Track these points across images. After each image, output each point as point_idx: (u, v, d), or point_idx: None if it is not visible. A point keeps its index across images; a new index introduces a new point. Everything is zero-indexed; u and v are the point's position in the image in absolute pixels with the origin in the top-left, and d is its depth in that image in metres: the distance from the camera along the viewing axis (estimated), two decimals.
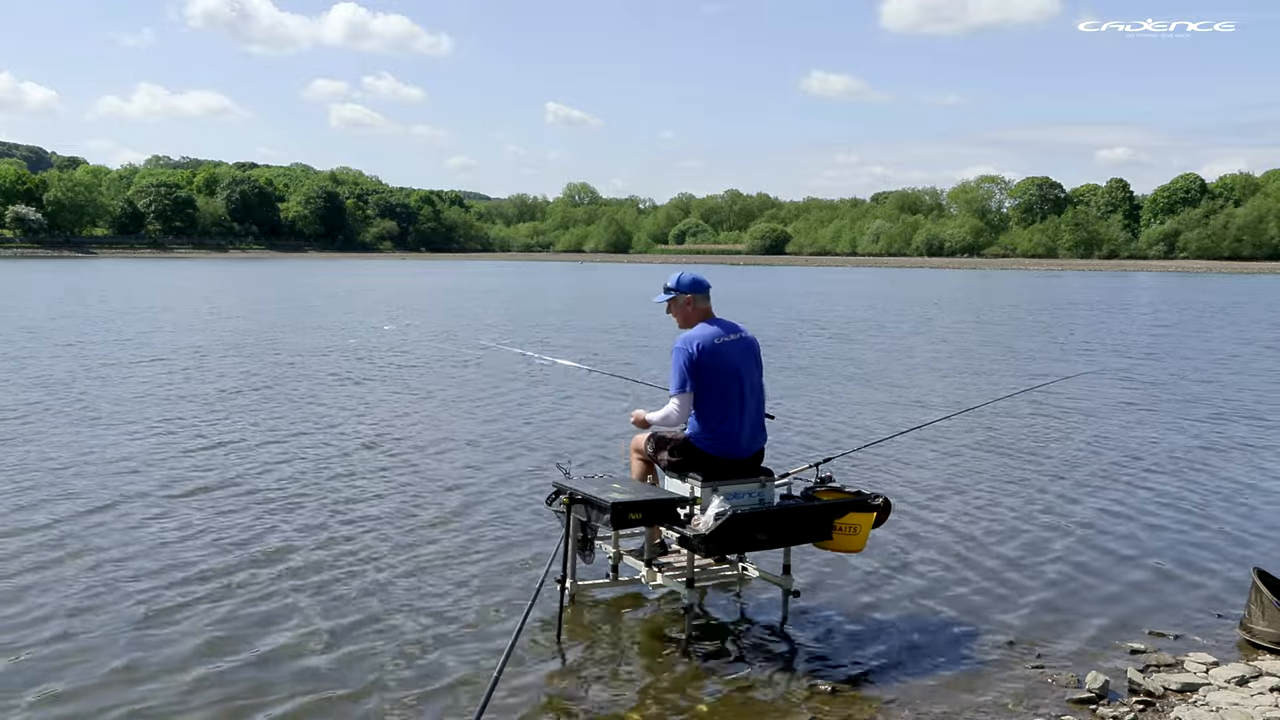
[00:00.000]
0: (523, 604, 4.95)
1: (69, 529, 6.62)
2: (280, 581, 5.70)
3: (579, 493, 4.86)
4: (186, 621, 5.09)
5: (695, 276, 5.33)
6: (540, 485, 7.77)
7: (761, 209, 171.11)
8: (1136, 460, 9.35)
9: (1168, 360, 18.34)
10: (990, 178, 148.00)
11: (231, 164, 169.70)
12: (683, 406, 5.11)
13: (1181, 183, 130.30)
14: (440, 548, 6.37)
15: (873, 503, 5.12)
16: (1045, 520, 7.26)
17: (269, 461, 8.77)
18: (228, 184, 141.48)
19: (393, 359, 17.00)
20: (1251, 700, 4.31)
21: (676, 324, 5.37)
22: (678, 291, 5.29)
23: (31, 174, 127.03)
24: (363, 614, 5.23)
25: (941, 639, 5.08)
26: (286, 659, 4.69)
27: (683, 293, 5.28)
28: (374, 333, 22.06)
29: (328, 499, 7.51)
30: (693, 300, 5.28)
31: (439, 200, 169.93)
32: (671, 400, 5.13)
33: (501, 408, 11.90)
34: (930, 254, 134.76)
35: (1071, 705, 4.34)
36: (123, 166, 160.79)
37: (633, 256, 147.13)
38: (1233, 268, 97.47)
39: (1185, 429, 11.05)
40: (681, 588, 5.01)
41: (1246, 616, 5.13)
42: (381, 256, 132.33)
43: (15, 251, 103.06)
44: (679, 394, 5.09)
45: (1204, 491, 8.18)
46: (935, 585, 5.86)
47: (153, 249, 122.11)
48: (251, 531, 6.63)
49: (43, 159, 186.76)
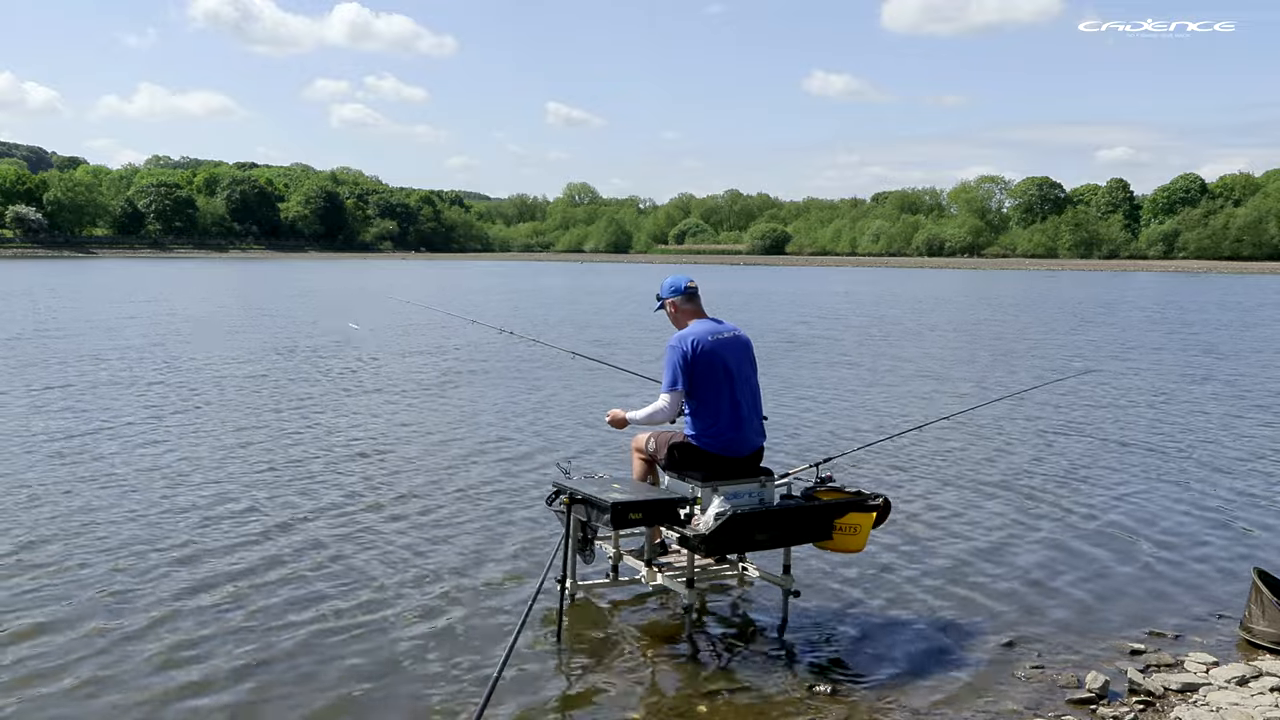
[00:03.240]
0: (523, 604, 4.95)
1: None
2: (278, 581, 5.70)
3: (579, 493, 4.87)
4: (181, 621, 5.09)
5: (674, 280, 5.39)
6: (540, 485, 7.77)
7: (762, 209, 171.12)
8: (1136, 460, 9.35)
9: (1168, 360, 18.34)
10: (990, 178, 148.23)
11: (231, 164, 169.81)
12: (672, 403, 5.14)
13: (1181, 183, 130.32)
14: (440, 547, 6.37)
15: (873, 503, 5.12)
16: (1045, 520, 7.26)
17: (260, 462, 8.77)
18: (228, 184, 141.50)
19: (392, 358, 17.01)
20: (1251, 700, 4.31)
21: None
22: (662, 298, 5.41)
23: (31, 174, 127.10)
24: (362, 613, 5.23)
25: (941, 639, 5.08)
26: (285, 659, 4.69)
27: (666, 298, 5.38)
28: (372, 331, 22.08)
29: (327, 498, 7.52)
30: (676, 304, 5.35)
31: (439, 200, 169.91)
32: (661, 396, 5.16)
33: (501, 408, 11.90)
34: (930, 254, 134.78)
35: (1071, 705, 4.34)
36: (123, 167, 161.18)
37: (633, 256, 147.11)
38: (1233, 268, 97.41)
39: (1185, 429, 11.05)
40: (681, 588, 5.01)
41: (1246, 616, 5.13)
42: (382, 256, 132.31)
43: (15, 252, 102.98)
44: (669, 391, 5.13)
45: (1204, 491, 8.18)
46: (935, 585, 5.87)
47: (153, 249, 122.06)
48: (247, 533, 6.63)
49: (43, 159, 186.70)
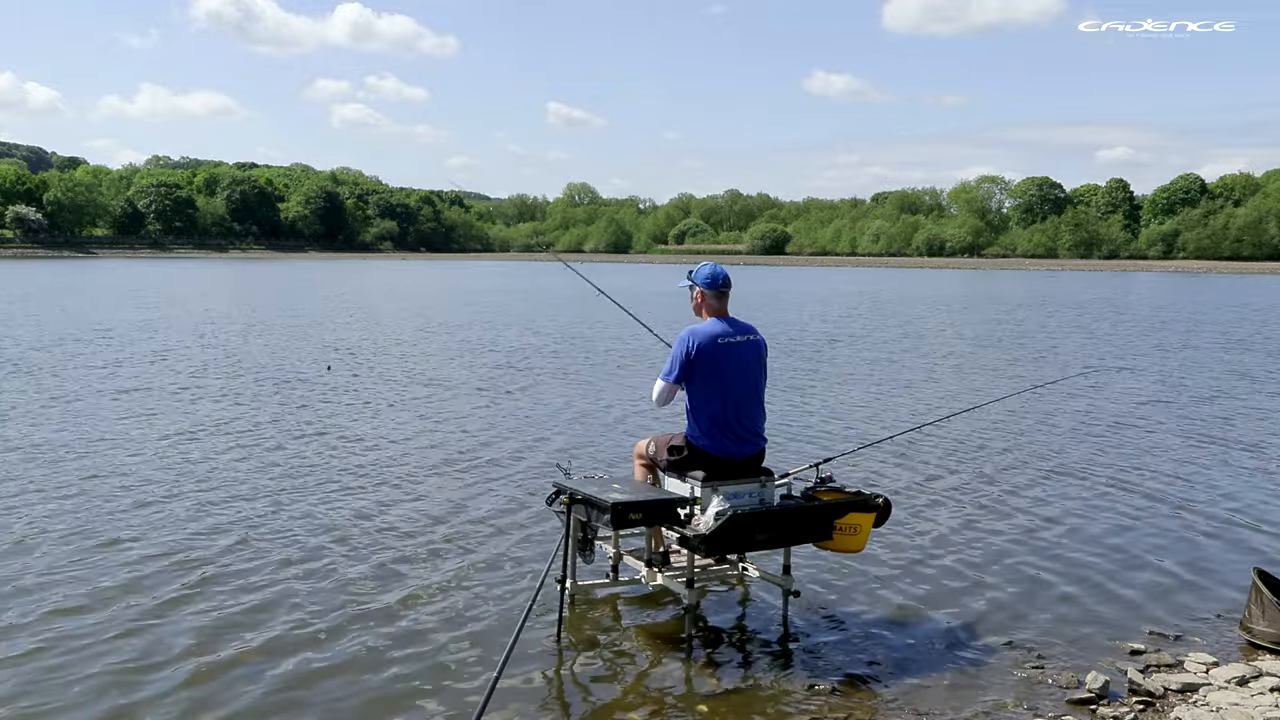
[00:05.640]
0: (523, 604, 4.95)
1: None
2: (277, 581, 5.69)
3: (579, 493, 4.86)
4: (177, 616, 5.09)
5: (713, 272, 5.28)
6: (540, 485, 7.77)
7: (761, 209, 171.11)
8: (1136, 460, 9.35)
9: (1168, 360, 18.33)
10: (990, 178, 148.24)
11: (231, 164, 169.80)
12: (664, 392, 5.20)
13: (1181, 183, 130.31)
14: (439, 547, 6.37)
15: (873, 502, 5.11)
16: (1045, 521, 7.26)
17: (264, 458, 8.77)
18: (228, 184, 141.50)
19: (391, 360, 17.01)
20: (1252, 700, 4.31)
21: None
22: (692, 283, 5.32)
23: (31, 174, 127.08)
24: (362, 614, 5.23)
25: (942, 639, 5.08)
26: (283, 659, 4.68)
27: (696, 285, 5.29)
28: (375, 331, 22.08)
29: (325, 498, 7.51)
30: (704, 295, 5.27)
31: (439, 200, 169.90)
32: (657, 382, 5.23)
33: (501, 407, 11.90)
34: (930, 254, 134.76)
35: (1071, 705, 4.34)
36: (123, 167, 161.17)
37: (633, 256, 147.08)
38: (1233, 268, 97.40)
39: (1186, 429, 11.05)
40: (681, 588, 5.01)
41: (1246, 616, 5.13)
42: (381, 256, 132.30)
43: (15, 252, 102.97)
44: (664, 380, 5.18)
45: (1204, 491, 8.18)
46: (935, 585, 5.87)
47: (153, 249, 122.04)
48: (247, 531, 6.63)
49: (43, 159, 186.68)
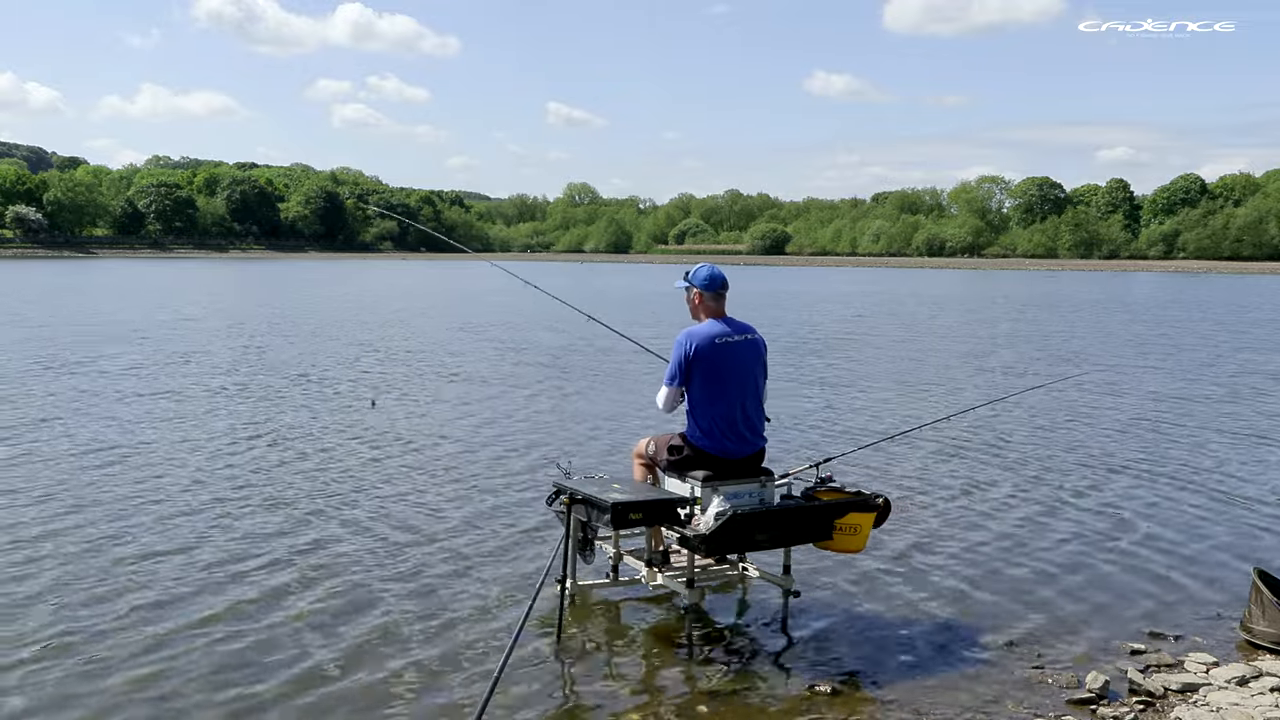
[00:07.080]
0: (523, 604, 4.95)
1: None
2: (277, 580, 5.69)
3: (579, 493, 4.86)
4: (180, 616, 5.09)
5: (711, 273, 5.27)
6: (540, 485, 7.77)
7: (762, 209, 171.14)
8: (1136, 460, 9.34)
9: (1168, 361, 18.33)
10: (990, 178, 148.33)
11: (232, 164, 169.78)
12: (669, 398, 5.20)
13: (1181, 183, 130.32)
14: (439, 547, 6.36)
15: (873, 503, 5.11)
16: (1045, 520, 7.26)
17: (265, 459, 8.77)
18: (228, 184, 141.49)
19: (392, 357, 17.01)
20: (1252, 700, 4.31)
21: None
22: (689, 284, 5.30)
23: (32, 174, 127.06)
24: (361, 614, 5.23)
25: (941, 639, 5.08)
26: (284, 659, 4.68)
27: (693, 286, 5.28)
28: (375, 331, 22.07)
29: (325, 497, 7.51)
30: (701, 296, 5.26)
31: (439, 200, 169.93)
32: (662, 389, 5.23)
33: (501, 407, 11.90)
34: (930, 254, 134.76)
35: (1071, 705, 4.33)
36: (123, 167, 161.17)
37: (633, 256, 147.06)
38: (1233, 268, 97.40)
39: (1186, 429, 11.05)
40: (681, 588, 5.01)
41: (1246, 616, 5.13)
42: (382, 256, 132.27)
43: (15, 252, 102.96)
44: (668, 385, 5.19)
45: (1204, 492, 8.18)
46: (935, 585, 5.86)
47: (153, 249, 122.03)
48: (248, 530, 6.63)
49: (43, 159, 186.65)
